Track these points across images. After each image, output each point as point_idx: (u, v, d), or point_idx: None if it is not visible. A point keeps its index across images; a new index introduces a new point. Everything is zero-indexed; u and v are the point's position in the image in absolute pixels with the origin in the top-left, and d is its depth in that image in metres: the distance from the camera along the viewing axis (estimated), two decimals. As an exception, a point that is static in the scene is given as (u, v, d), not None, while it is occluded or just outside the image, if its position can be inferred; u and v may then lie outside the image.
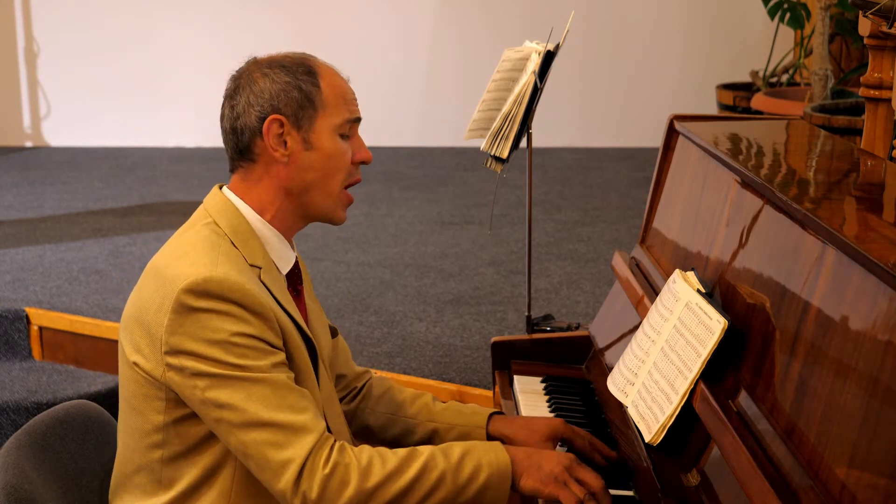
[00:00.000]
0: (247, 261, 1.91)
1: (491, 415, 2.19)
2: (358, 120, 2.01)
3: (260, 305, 1.84)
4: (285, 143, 1.93)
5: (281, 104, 1.93)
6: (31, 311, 4.07)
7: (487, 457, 1.89)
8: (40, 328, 4.06)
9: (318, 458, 1.81)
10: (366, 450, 1.87)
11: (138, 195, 5.79)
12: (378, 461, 1.84)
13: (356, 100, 2.02)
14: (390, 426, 2.24)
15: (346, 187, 2.01)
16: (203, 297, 1.82)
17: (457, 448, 1.90)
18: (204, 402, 1.82)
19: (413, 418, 2.23)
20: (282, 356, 1.88)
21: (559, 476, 1.89)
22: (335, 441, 1.85)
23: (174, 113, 6.86)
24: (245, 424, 1.81)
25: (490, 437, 2.16)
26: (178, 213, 5.41)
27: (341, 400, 2.24)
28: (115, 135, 6.89)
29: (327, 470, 1.81)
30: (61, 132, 6.93)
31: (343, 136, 1.98)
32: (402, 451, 1.87)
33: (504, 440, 2.14)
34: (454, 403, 2.25)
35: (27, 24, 6.82)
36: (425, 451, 1.88)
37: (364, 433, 2.26)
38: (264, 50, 2.10)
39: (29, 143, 6.96)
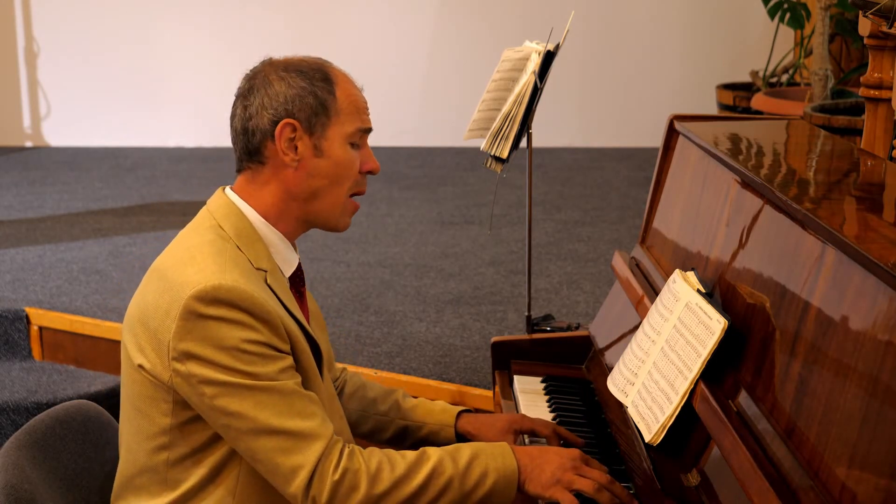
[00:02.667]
0: (252, 264, 1.92)
1: (459, 413, 2.25)
2: (369, 130, 2.03)
3: (267, 312, 1.85)
4: (296, 147, 1.94)
5: (295, 109, 1.93)
6: (31, 311, 4.06)
7: (495, 462, 1.92)
8: (40, 328, 4.05)
9: (327, 464, 1.84)
10: (375, 454, 1.89)
11: (138, 195, 5.79)
12: (387, 466, 1.87)
13: (368, 110, 2.03)
14: (363, 422, 2.29)
15: (352, 196, 2.02)
16: (212, 304, 1.82)
17: (465, 452, 1.93)
18: (212, 408, 1.83)
19: (384, 416, 2.29)
20: (289, 361, 1.89)
21: (561, 478, 1.92)
22: (344, 445, 1.88)
23: (174, 113, 6.86)
24: (254, 432, 1.83)
25: (458, 435, 2.23)
26: (178, 213, 5.41)
27: None
28: (115, 135, 6.89)
29: (337, 476, 1.83)
30: (61, 132, 6.93)
31: (353, 146, 1.99)
32: (410, 456, 1.90)
33: (468, 437, 2.22)
34: (423, 401, 2.30)
35: (27, 24, 6.82)
36: (434, 454, 1.91)
37: None
38: (263, 51, 2.10)
39: (29, 143, 6.96)
